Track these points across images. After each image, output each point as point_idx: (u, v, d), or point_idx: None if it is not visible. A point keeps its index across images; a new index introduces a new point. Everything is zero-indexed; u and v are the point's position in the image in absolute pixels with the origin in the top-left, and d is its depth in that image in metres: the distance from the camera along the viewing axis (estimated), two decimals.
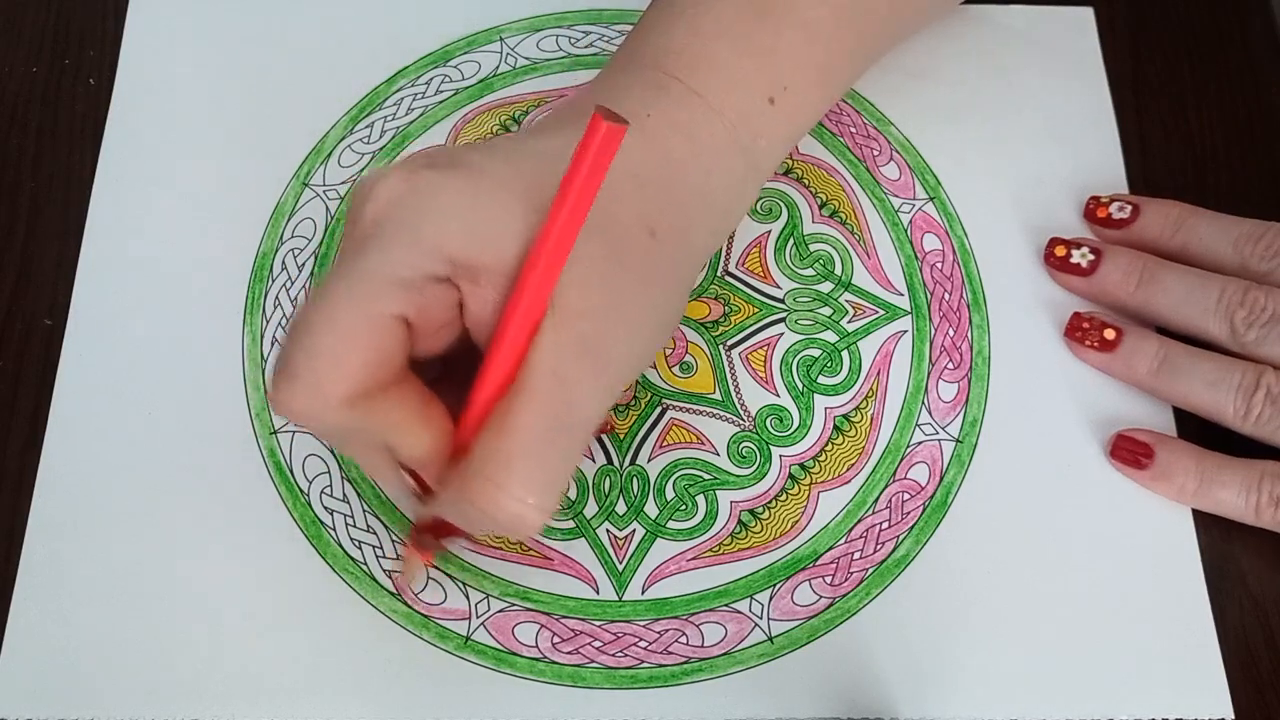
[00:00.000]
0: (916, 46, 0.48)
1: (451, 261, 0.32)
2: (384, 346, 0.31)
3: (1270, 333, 0.40)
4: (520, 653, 0.39)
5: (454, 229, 0.32)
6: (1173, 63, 0.49)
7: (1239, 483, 0.39)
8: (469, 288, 0.32)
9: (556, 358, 0.32)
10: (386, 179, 0.33)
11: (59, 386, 0.42)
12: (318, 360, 0.31)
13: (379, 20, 0.49)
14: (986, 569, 0.40)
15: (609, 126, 0.28)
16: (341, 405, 0.31)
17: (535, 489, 0.32)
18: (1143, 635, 0.39)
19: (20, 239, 0.45)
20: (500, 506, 0.32)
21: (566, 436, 0.32)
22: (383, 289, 0.31)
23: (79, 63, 0.48)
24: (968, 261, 0.45)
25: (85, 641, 0.39)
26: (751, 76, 0.38)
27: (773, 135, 0.39)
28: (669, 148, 0.36)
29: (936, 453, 0.42)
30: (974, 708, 0.38)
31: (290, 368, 0.31)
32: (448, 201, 0.32)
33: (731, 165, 0.38)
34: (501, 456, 0.32)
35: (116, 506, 0.40)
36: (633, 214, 0.35)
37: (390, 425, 0.32)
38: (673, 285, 0.36)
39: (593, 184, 0.29)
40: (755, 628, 0.39)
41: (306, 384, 0.31)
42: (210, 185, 0.46)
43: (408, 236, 0.32)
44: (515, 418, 0.32)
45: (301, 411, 0.31)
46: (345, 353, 0.31)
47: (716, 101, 0.37)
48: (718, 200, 0.37)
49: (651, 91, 0.37)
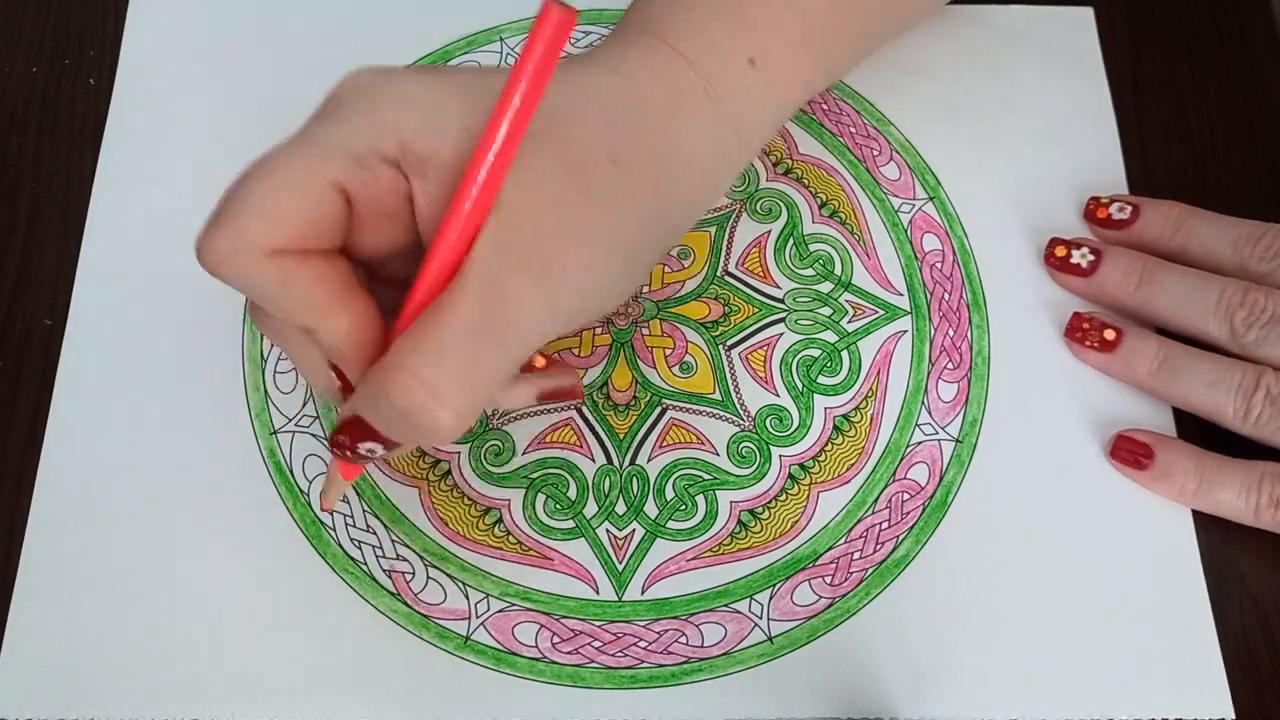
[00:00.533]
0: (916, 46, 0.48)
1: (402, 145, 0.32)
2: (316, 208, 0.31)
3: (1270, 333, 0.40)
4: (520, 653, 0.39)
5: (410, 114, 0.32)
6: (1173, 63, 0.49)
7: (1239, 483, 0.39)
8: (418, 182, 0.32)
9: (495, 260, 0.32)
10: (359, 69, 0.33)
11: (59, 386, 0.42)
12: (247, 207, 0.31)
13: (379, 20, 0.49)
14: (986, 569, 0.40)
15: (560, 10, 0.28)
16: (259, 256, 0.31)
17: (451, 386, 0.31)
18: (1143, 635, 0.39)
19: (20, 239, 0.45)
20: (412, 396, 0.31)
21: (495, 343, 0.32)
22: (328, 153, 0.32)
23: (79, 63, 0.48)
24: (968, 261, 0.45)
25: (85, 641, 0.39)
26: (732, 38, 0.38)
27: (755, 99, 0.38)
28: (645, 93, 0.36)
29: (936, 453, 0.42)
30: (974, 708, 0.38)
31: (220, 212, 0.31)
32: (409, 90, 0.32)
33: (710, 123, 0.37)
34: (421, 347, 0.31)
35: (116, 506, 0.40)
36: (598, 142, 0.34)
37: (307, 300, 0.32)
38: (639, 227, 0.35)
39: (542, 72, 0.29)
40: (755, 628, 0.39)
41: (230, 228, 0.31)
42: (210, 185, 0.45)
43: (364, 111, 0.32)
44: (443, 312, 0.31)
45: (221, 253, 0.31)
46: (276, 205, 0.31)
47: (696, 60, 0.37)
48: (695, 154, 0.37)
49: (636, 49, 0.37)
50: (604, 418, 0.42)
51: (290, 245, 0.31)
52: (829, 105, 0.48)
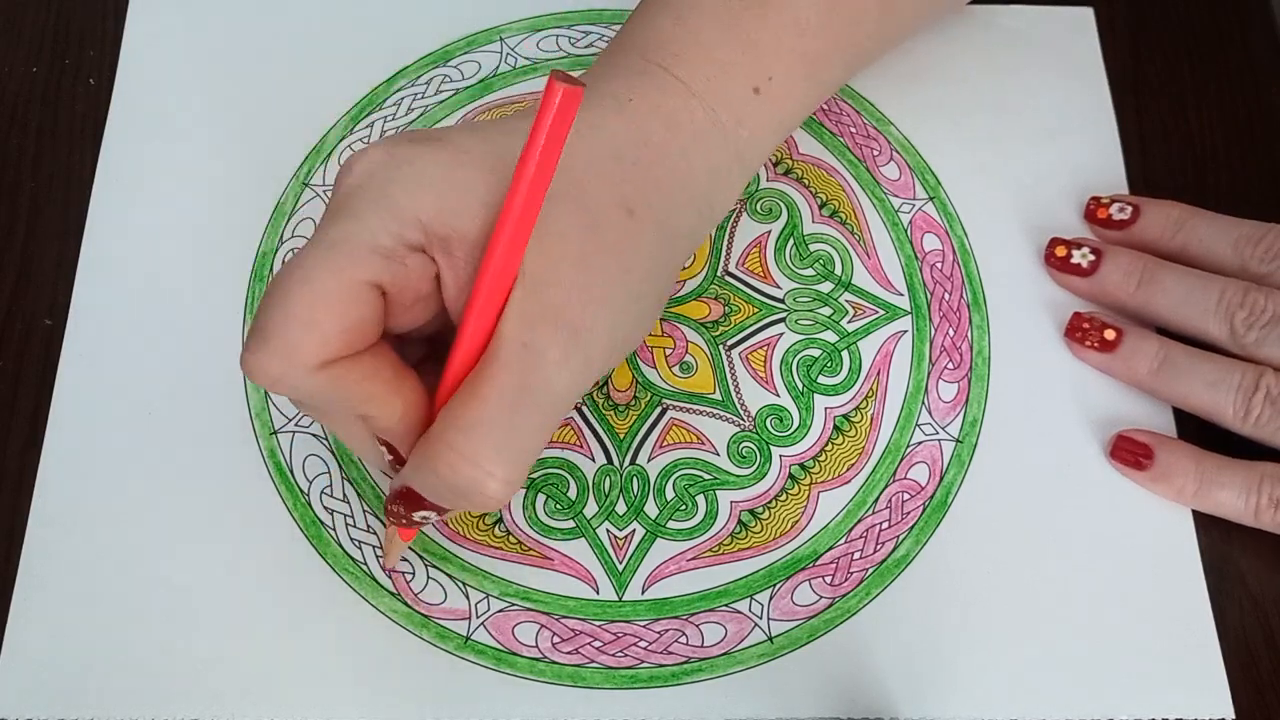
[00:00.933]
0: (917, 46, 0.48)
1: (425, 230, 0.32)
2: (358, 313, 0.32)
3: (1270, 334, 0.40)
4: (520, 653, 0.39)
5: (426, 197, 0.32)
6: (1173, 63, 0.49)
7: (1238, 484, 0.39)
8: (443, 259, 0.32)
9: (525, 327, 0.32)
10: (367, 152, 0.33)
11: (59, 386, 0.42)
12: (291, 324, 0.31)
13: (379, 20, 0.49)
14: (986, 569, 0.40)
15: (565, 89, 0.28)
16: (313, 370, 0.31)
17: (496, 457, 0.32)
18: (1143, 635, 0.39)
19: (20, 239, 0.45)
20: (459, 473, 0.32)
21: (534, 407, 0.32)
22: (358, 254, 0.31)
23: (79, 63, 0.48)
24: (968, 261, 0.45)
25: (85, 641, 0.39)
26: (735, 66, 0.38)
27: (757, 125, 0.39)
28: (648, 130, 0.36)
29: (936, 453, 0.42)
30: (974, 708, 0.38)
31: (263, 330, 0.31)
32: (422, 171, 0.32)
33: (713, 152, 0.38)
34: (464, 422, 0.32)
35: (116, 506, 0.40)
36: (610, 192, 0.35)
37: (362, 393, 0.32)
38: (652, 266, 0.36)
39: (553, 146, 0.29)
40: (755, 628, 0.39)
41: (279, 347, 0.31)
42: (210, 185, 0.46)
43: (383, 204, 0.32)
44: (481, 385, 0.32)
45: (274, 375, 0.31)
46: (319, 317, 0.31)
47: (699, 89, 0.37)
48: (699, 186, 0.37)
49: (635, 78, 0.37)
50: (604, 417, 0.42)
51: (339, 354, 0.31)
52: (829, 105, 0.48)
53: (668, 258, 0.37)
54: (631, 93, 0.37)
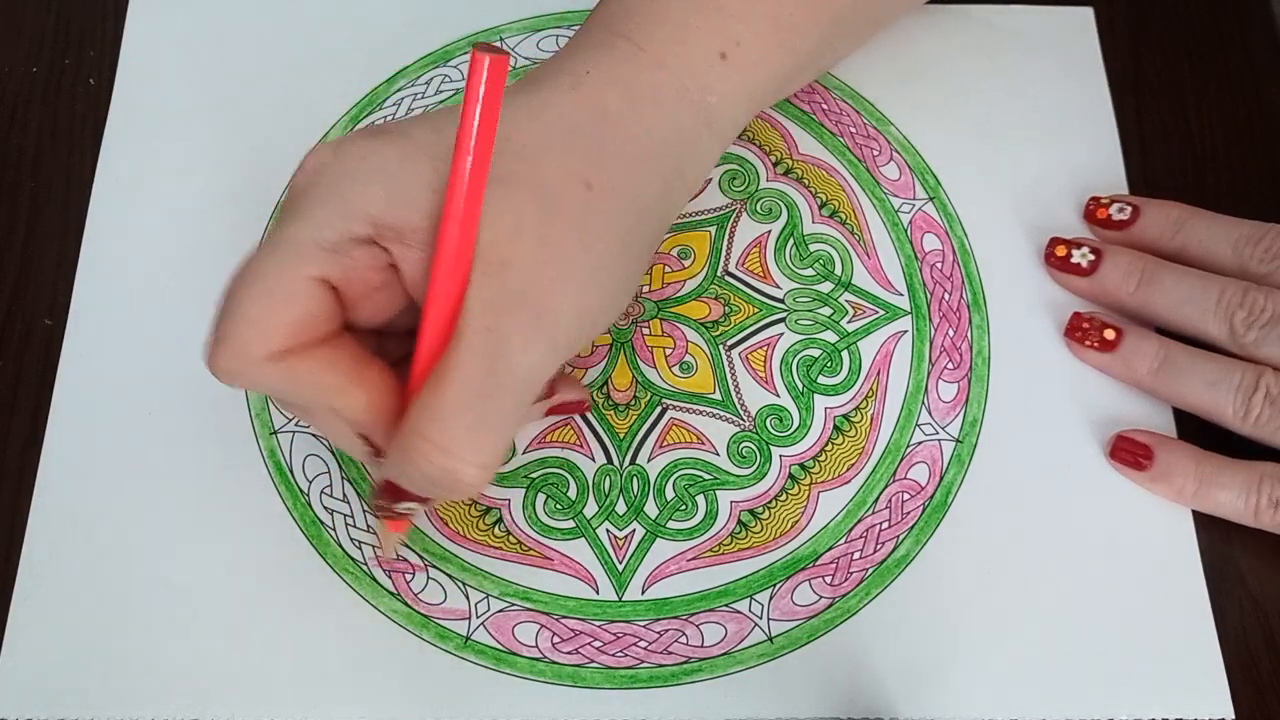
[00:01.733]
0: (916, 46, 0.48)
1: (374, 223, 0.32)
2: (305, 308, 0.32)
3: (1269, 334, 0.40)
4: (520, 653, 0.39)
5: (375, 191, 0.32)
6: (1173, 63, 0.49)
7: (1238, 485, 0.39)
8: (399, 250, 0.33)
9: (485, 310, 0.32)
10: (317, 149, 0.34)
11: (59, 386, 0.42)
12: (239, 320, 0.32)
13: (379, 20, 0.49)
14: (986, 569, 0.40)
15: (491, 57, 0.29)
16: (263, 363, 0.32)
17: (468, 444, 0.32)
18: (1143, 635, 0.39)
19: (20, 239, 0.45)
20: (432, 462, 0.32)
21: (502, 391, 0.32)
22: (303, 252, 0.32)
23: (79, 63, 0.48)
24: (968, 261, 0.45)
25: (85, 641, 0.39)
26: (700, 31, 0.38)
27: (726, 91, 0.38)
28: (604, 102, 0.36)
29: (936, 453, 0.42)
30: (974, 708, 0.38)
31: (217, 329, 0.32)
32: (370, 165, 0.33)
33: (679, 119, 0.37)
34: (432, 413, 0.32)
35: (116, 506, 0.40)
36: (566, 167, 0.34)
37: (321, 385, 0.33)
38: (618, 239, 0.35)
39: (489, 119, 0.29)
40: (755, 628, 0.39)
41: (229, 343, 0.32)
42: (210, 185, 0.46)
43: (329, 200, 0.32)
44: (447, 373, 0.32)
45: (226, 370, 0.32)
46: (265, 313, 0.32)
47: (661, 55, 0.37)
48: (665, 154, 0.37)
49: (596, 51, 0.37)
50: (604, 417, 0.42)
51: (288, 346, 0.32)
52: (829, 105, 0.48)
53: (635, 228, 0.36)
54: (589, 65, 0.37)
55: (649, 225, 0.37)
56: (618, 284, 0.36)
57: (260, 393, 0.34)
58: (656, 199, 0.37)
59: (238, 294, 0.32)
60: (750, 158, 0.47)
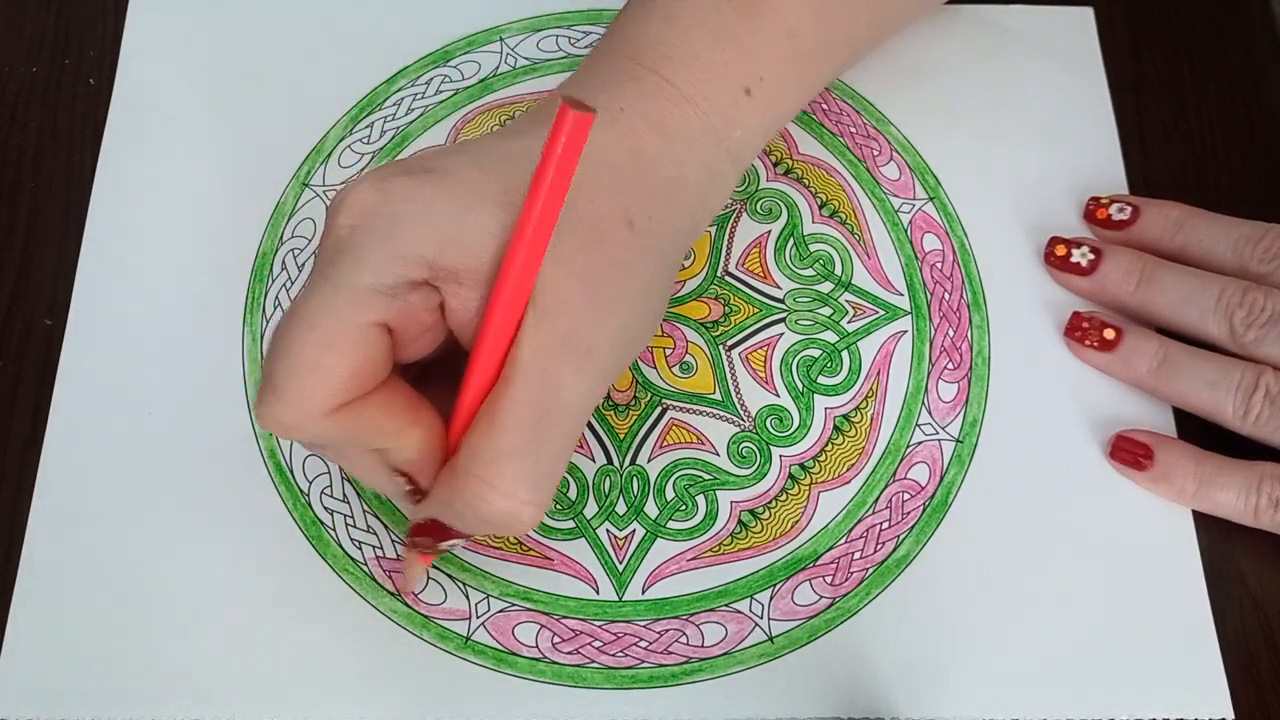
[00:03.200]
0: (917, 46, 0.48)
1: (429, 266, 0.32)
2: (366, 355, 0.32)
3: (1269, 333, 0.40)
4: (520, 653, 0.39)
5: (428, 234, 0.32)
6: (1173, 63, 0.49)
7: (1238, 485, 0.39)
8: (450, 289, 0.32)
9: (539, 353, 0.32)
10: (359, 188, 0.33)
11: (59, 386, 0.42)
12: (300, 372, 0.31)
13: (379, 20, 0.49)
14: (986, 569, 0.40)
15: (576, 115, 0.28)
16: (326, 416, 0.31)
17: (525, 484, 0.32)
18: (1143, 635, 0.39)
19: (20, 239, 0.45)
20: (490, 504, 0.32)
21: (554, 430, 0.33)
22: (362, 298, 0.31)
23: (79, 63, 0.48)
24: (968, 261, 0.45)
25: (85, 641, 0.39)
26: (726, 67, 0.38)
27: (749, 126, 0.39)
28: (641, 140, 0.36)
29: (936, 453, 0.42)
30: (974, 708, 0.38)
31: (273, 381, 0.31)
32: (421, 207, 0.32)
33: (706, 155, 0.38)
34: (489, 454, 0.32)
35: (116, 506, 0.40)
36: (609, 207, 0.35)
37: (378, 430, 0.33)
38: (654, 275, 0.36)
39: (564, 175, 0.29)
40: (755, 628, 0.39)
41: (290, 397, 0.31)
42: (210, 185, 0.46)
43: (383, 244, 0.32)
44: (501, 415, 0.32)
45: (287, 424, 0.31)
46: (328, 364, 0.31)
47: (690, 92, 0.37)
48: (693, 189, 0.37)
49: (626, 84, 0.37)
50: (604, 418, 0.42)
51: (350, 397, 0.32)
52: (829, 105, 0.48)
53: (666, 262, 0.37)
54: (622, 102, 0.36)
55: (677, 256, 0.38)
56: (653, 316, 0.37)
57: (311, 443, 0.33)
58: (685, 233, 0.38)
59: (294, 341, 0.31)
60: None
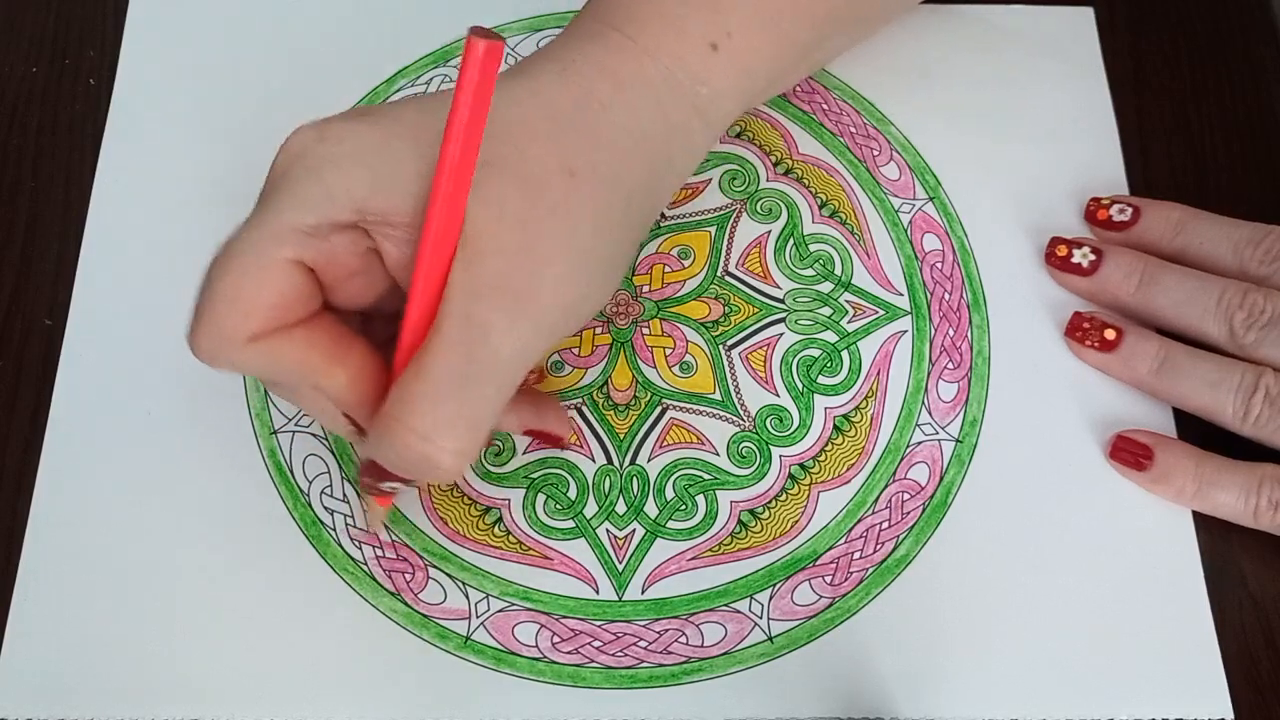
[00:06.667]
0: (916, 46, 0.48)
1: (357, 208, 0.32)
2: (282, 289, 0.32)
3: (1269, 335, 0.40)
4: (520, 653, 0.39)
5: (358, 175, 0.32)
6: (1173, 63, 0.49)
7: (1238, 486, 0.39)
8: (382, 232, 0.33)
9: (466, 297, 0.32)
10: (298, 132, 0.33)
11: (59, 386, 0.42)
12: (217, 302, 0.32)
13: (379, 20, 0.49)
14: (986, 569, 0.40)
15: (486, 44, 0.28)
16: (242, 345, 0.32)
17: (446, 431, 0.32)
18: (1143, 635, 0.39)
19: (20, 239, 0.45)
20: (413, 449, 0.32)
21: (482, 379, 0.32)
22: (281, 235, 0.32)
23: (79, 63, 0.48)
24: (968, 261, 0.45)
25: (85, 641, 0.39)
26: (690, 21, 0.38)
27: (718, 82, 0.38)
28: (591, 90, 0.36)
29: (936, 453, 0.42)
30: (974, 708, 0.38)
31: (197, 310, 0.32)
32: (354, 148, 0.33)
33: (668, 108, 0.37)
34: (411, 399, 0.32)
35: (116, 506, 0.40)
36: (549, 153, 0.34)
37: (302, 365, 0.33)
38: (603, 224, 0.35)
39: (480, 106, 0.29)
40: (755, 627, 0.39)
41: (208, 325, 0.32)
42: (210, 185, 0.46)
43: (310, 184, 0.32)
44: (427, 360, 0.32)
45: (207, 349, 0.32)
46: (243, 295, 0.32)
47: (651, 46, 0.37)
48: (654, 142, 0.37)
49: (585, 41, 0.37)
50: (604, 417, 0.42)
51: (266, 328, 0.32)
52: (829, 105, 0.48)
53: (621, 214, 0.36)
54: (575, 55, 0.36)
55: (635, 213, 0.37)
56: (603, 271, 0.36)
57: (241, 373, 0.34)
58: (644, 187, 0.37)
59: (216, 274, 0.32)
60: (750, 158, 0.47)
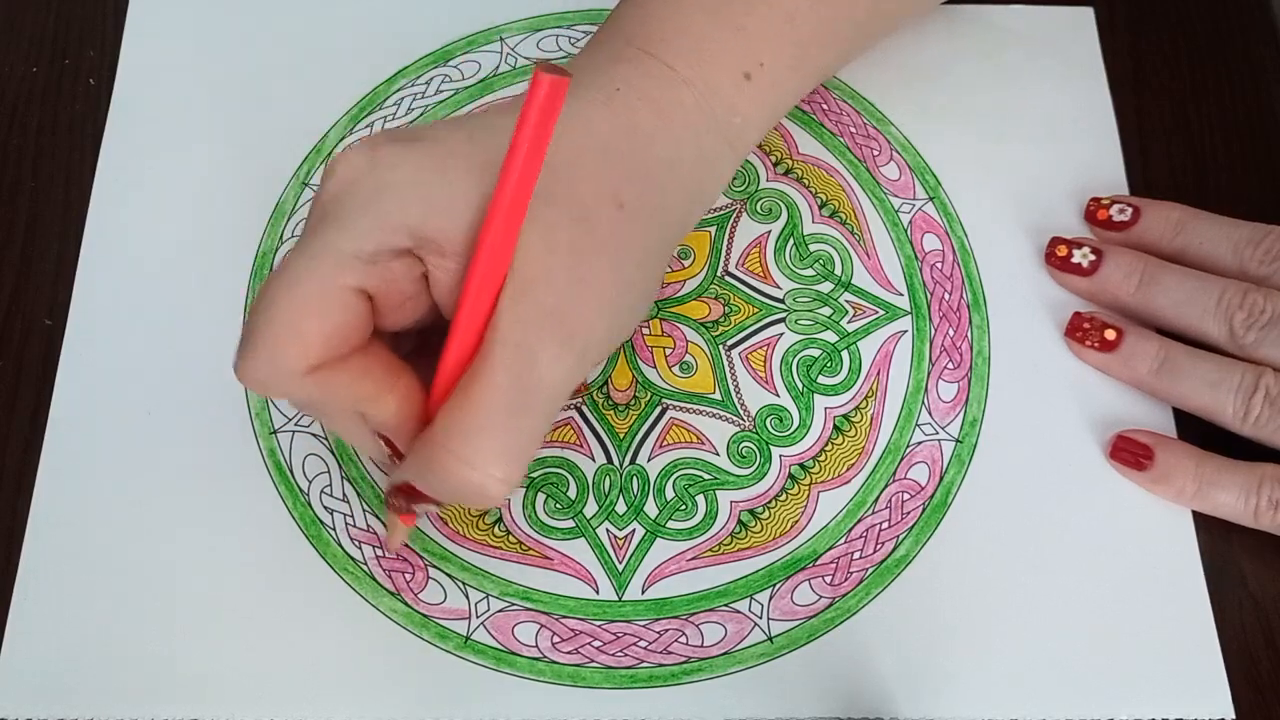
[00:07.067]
0: (916, 46, 0.48)
1: (412, 234, 0.32)
2: (343, 319, 0.32)
3: (1269, 335, 0.40)
4: (520, 652, 0.39)
5: (413, 202, 0.32)
6: (1173, 63, 0.49)
7: (1238, 486, 0.39)
8: (432, 259, 0.33)
9: (517, 327, 0.32)
10: (348, 154, 0.33)
11: (59, 386, 0.42)
12: (277, 332, 0.31)
13: (379, 20, 0.49)
14: (986, 569, 0.40)
15: (551, 80, 0.28)
16: (300, 376, 0.32)
17: (495, 460, 0.32)
18: (1143, 635, 0.39)
19: (20, 239, 0.45)
20: (460, 477, 0.32)
21: (530, 408, 0.32)
22: (342, 263, 0.32)
23: (79, 63, 0.48)
24: (968, 261, 0.45)
25: (85, 641, 0.39)
26: (725, 52, 0.38)
27: (749, 111, 0.39)
28: (636, 120, 0.36)
29: (936, 453, 0.42)
30: (974, 708, 0.38)
31: (251, 339, 0.32)
32: (407, 175, 0.32)
33: (703, 139, 0.38)
34: (461, 428, 0.32)
35: (116, 506, 0.40)
36: (599, 185, 0.34)
37: (354, 394, 0.33)
38: (644, 258, 0.36)
39: (541, 140, 0.29)
40: (755, 627, 0.39)
41: (266, 355, 0.32)
42: (210, 185, 0.46)
43: (368, 211, 0.32)
44: (476, 389, 0.32)
45: (262, 382, 0.32)
46: (303, 326, 0.31)
47: (689, 75, 0.37)
48: (689, 173, 0.37)
49: (623, 66, 0.37)
50: (604, 417, 0.42)
51: (325, 358, 0.32)
52: (829, 105, 0.48)
53: (659, 246, 0.37)
54: (618, 82, 0.36)
55: (670, 240, 0.38)
56: (640, 300, 0.37)
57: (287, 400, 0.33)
58: (679, 217, 0.38)
59: (272, 302, 0.32)
60: (750, 158, 0.47)
